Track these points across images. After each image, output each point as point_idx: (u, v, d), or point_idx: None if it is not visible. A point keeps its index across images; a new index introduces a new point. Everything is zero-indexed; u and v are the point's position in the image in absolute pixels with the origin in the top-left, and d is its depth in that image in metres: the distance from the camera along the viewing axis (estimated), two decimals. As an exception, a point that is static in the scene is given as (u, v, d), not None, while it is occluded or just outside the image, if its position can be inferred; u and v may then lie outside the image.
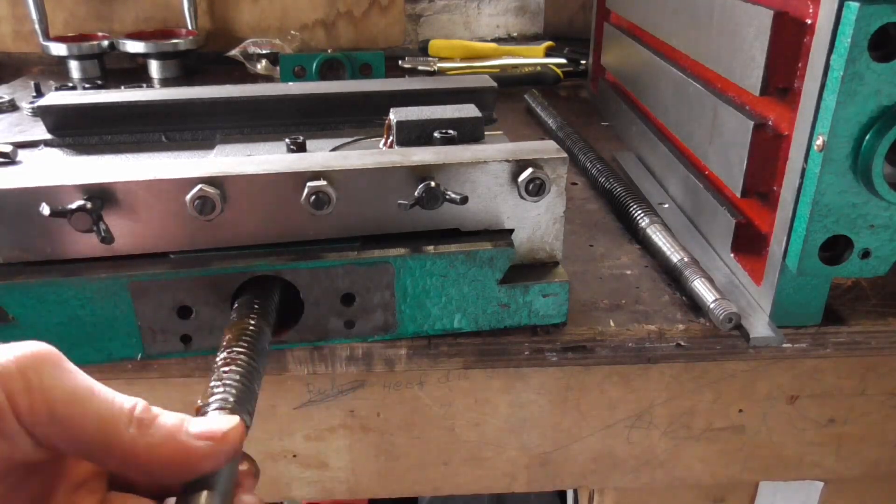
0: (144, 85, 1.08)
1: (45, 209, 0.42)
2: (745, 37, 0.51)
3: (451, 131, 0.53)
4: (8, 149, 0.61)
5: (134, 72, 1.25)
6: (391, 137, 0.54)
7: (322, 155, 0.49)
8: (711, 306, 0.51)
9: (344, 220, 0.47)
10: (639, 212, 0.64)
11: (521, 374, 0.55)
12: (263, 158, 0.47)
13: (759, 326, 0.51)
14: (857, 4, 0.39)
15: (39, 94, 1.02)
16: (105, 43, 1.18)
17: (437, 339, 0.50)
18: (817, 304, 0.50)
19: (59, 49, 1.16)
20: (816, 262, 0.46)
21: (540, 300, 0.50)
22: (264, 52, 1.21)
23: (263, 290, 0.45)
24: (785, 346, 0.51)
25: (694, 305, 0.54)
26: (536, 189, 0.48)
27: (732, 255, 0.57)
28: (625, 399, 0.56)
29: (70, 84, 1.09)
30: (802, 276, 0.48)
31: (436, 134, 0.53)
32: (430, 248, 0.48)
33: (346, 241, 0.48)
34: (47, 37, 1.20)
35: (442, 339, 0.50)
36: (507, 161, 0.48)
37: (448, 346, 0.50)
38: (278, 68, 1.10)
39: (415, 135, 0.53)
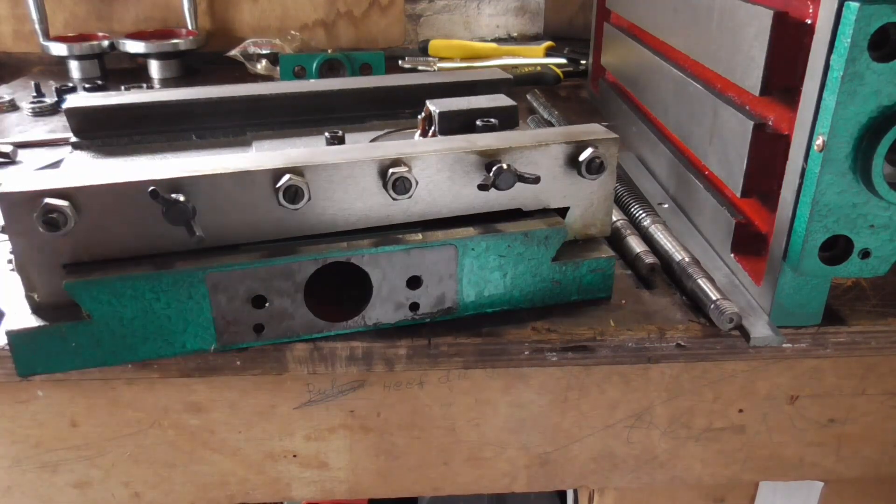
0: (145, 85, 1.09)
1: (150, 193, 0.42)
2: (745, 37, 0.51)
3: (492, 119, 0.55)
4: (8, 149, 0.62)
5: (134, 72, 1.25)
6: (433, 128, 0.55)
7: (395, 143, 0.51)
8: (713, 306, 0.51)
9: (420, 205, 0.49)
10: (639, 212, 0.64)
11: (521, 374, 0.55)
12: (340, 148, 0.49)
13: (760, 326, 0.51)
14: (857, 4, 0.39)
15: (40, 94, 1.02)
16: (105, 43, 1.19)
17: (437, 339, 0.50)
18: (817, 304, 0.50)
19: (59, 49, 1.16)
20: (816, 262, 0.46)
21: (589, 276, 0.53)
22: (264, 52, 1.21)
23: None
24: (785, 346, 0.51)
25: (694, 305, 0.54)
26: (597, 168, 0.51)
27: (732, 255, 0.57)
28: (625, 399, 0.56)
29: (70, 84, 1.09)
30: (802, 276, 0.48)
31: (478, 122, 0.55)
32: (490, 228, 0.50)
33: (419, 225, 0.50)
34: (47, 37, 1.20)
35: (442, 339, 0.50)
36: (567, 143, 0.50)
37: (448, 346, 0.50)
38: (278, 68, 1.10)
39: (457, 124, 0.55)
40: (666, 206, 0.69)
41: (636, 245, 0.59)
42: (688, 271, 0.55)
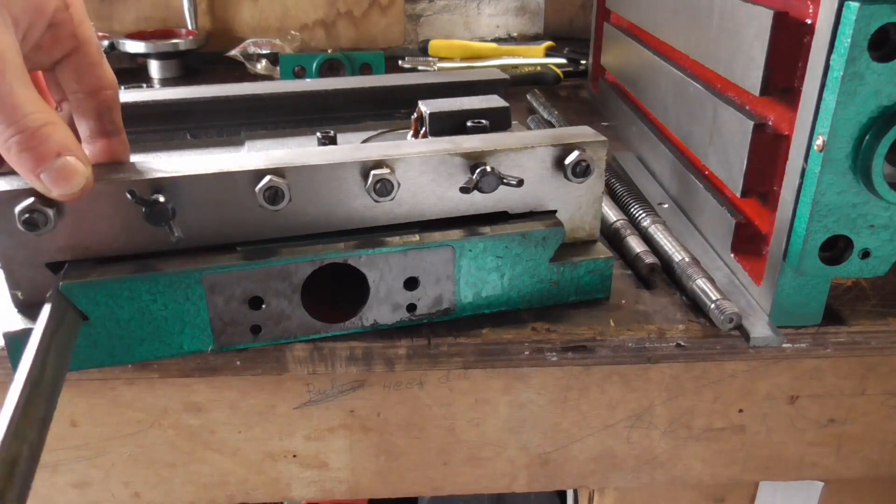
0: (145, 85, 1.09)
1: (128, 194, 0.42)
2: (745, 37, 0.51)
3: (483, 121, 0.55)
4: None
5: (134, 72, 1.25)
6: (423, 128, 0.55)
7: (380, 145, 0.51)
8: (713, 306, 0.51)
9: (403, 207, 0.49)
10: (639, 212, 0.64)
11: (521, 374, 0.55)
12: (324, 149, 0.49)
13: (759, 326, 0.51)
14: (857, 4, 0.39)
15: (39, 94, 1.02)
16: (105, 43, 1.18)
17: (436, 339, 0.50)
18: (817, 304, 0.50)
19: (59, 49, 1.16)
20: (816, 262, 0.46)
21: (587, 277, 0.53)
22: (264, 52, 1.21)
23: None
24: (785, 346, 0.51)
25: (694, 305, 0.54)
26: (583, 171, 0.50)
27: (732, 255, 0.57)
28: (625, 399, 0.56)
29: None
30: (802, 276, 0.48)
31: (469, 123, 0.55)
32: (487, 229, 0.50)
33: (404, 226, 0.49)
34: (47, 37, 1.20)
35: (442, 340, 0.50)
36: (553, 146, 0.50)
37: (448, 346, 0.50)
38: (278, 68, 1.10)
39: (448, 125, 0.55)
40: (666, 206, 0.69)
41: (636, 245, 0.59)
42: (688, 271, 0.55)
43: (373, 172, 0.46)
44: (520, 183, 0.48)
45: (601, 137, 0.51)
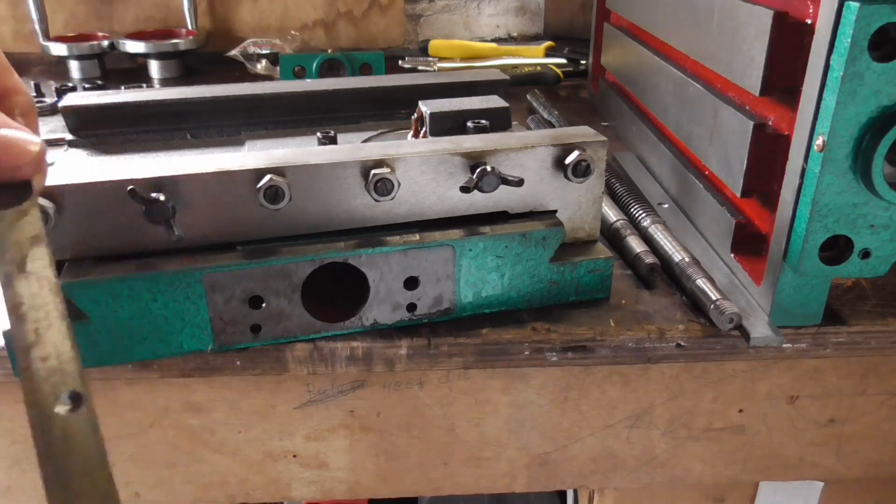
0: (145, 85, 1.09)
1: (128, 192, 0.42)
2: (745, 37, 0.51)
3: (483, 121, 0.55)
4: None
5: (134, 72, 1.25)
6: (424, 128, 0.55)
7: (380, 144, 0.51)
8: (712, 306, 0.51)
9: (403, 206, 0.49)
10: (639, 212, 0.64)
11: (521, 374, 0.55)
12: (324, 149, 0.49)
13: (760, 326, 0.51)
14: (857, 4, 0.39)
15: (39, 94, 1.02)
16: (105, 43, 1.18)
17: (437, 339, 0.50)
18: (817, 304, 0.50)
19: (59, 49, 1.16)
20: (816, 262, 0.46)
21: (587, 277, 0.53)
22: (264, 52, 1.21)
23: None
24: (785, 346, 0.51)
25: (694, 305, 0.54)
26: (583, 171, 0.50)
27: (732, 255, 0.57)
28: (625, 399, 0.56)
29: (70, 84, 1.09)
30: (802, 276, 0.48)
31: (469, 123, 0.55)
32: (488, 229, 0.50)
33: (404, 226, 0.49)
34: (47, 37, 1.20)
35: (442, 340, 0.50)
36: (553, 146, 0.50)
37: (448, 346, 0.50)
38: (278, 68, 1.11)
39: (448, 125, 0.55)
40: (666, 206, 0.69)
41: (636, 245, 0.59)
42: (687, 271, 0.55)
43: (373, 172, 0.46)
44: (520, 182, 0.48)
45: (601, 137, 0.51)
